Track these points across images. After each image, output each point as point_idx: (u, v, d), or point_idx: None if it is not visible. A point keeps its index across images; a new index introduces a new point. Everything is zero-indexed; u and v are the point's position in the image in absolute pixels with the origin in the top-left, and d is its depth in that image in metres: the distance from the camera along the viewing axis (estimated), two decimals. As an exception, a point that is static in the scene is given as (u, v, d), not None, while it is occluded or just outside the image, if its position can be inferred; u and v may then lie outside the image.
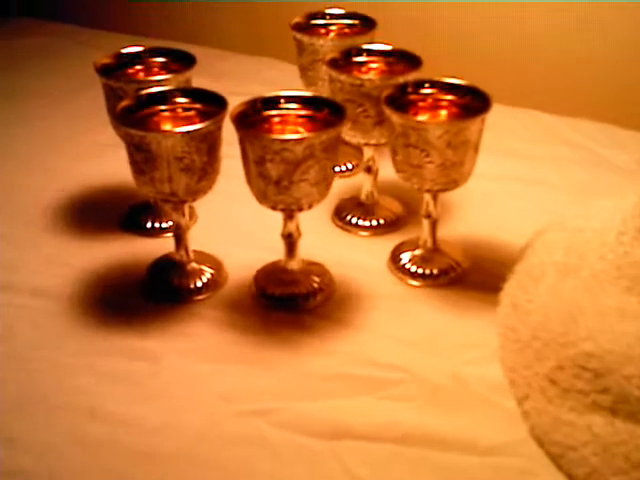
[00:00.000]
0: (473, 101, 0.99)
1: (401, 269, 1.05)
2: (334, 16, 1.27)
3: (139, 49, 1.13)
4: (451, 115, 1.01)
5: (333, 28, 1.27)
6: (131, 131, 0.93)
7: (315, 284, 1.02)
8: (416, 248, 1.06)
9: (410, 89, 1.02)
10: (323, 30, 1.27)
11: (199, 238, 1.06)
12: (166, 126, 1.00)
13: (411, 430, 0.83)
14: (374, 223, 1.15)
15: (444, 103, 1.02)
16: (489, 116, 0.96)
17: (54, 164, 1.33)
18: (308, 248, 1.03)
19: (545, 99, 1.48)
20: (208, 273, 1.04)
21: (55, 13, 1.95)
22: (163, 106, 1.00)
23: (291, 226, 0.98)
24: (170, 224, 1.09)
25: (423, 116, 1.01)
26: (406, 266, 1.05)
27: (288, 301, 1.01)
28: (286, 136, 0.92)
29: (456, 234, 1.12)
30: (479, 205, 1.19)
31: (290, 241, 1.00)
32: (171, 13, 1.88)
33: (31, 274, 1.07)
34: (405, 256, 1.06)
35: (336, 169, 1.00)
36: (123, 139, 0.97)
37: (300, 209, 0.95)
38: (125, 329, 0.97)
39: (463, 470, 0.80)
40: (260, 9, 1.78)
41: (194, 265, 1.04)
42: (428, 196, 1.01)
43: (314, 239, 1.05)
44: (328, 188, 0.96)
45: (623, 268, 0.90)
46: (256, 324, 0.98)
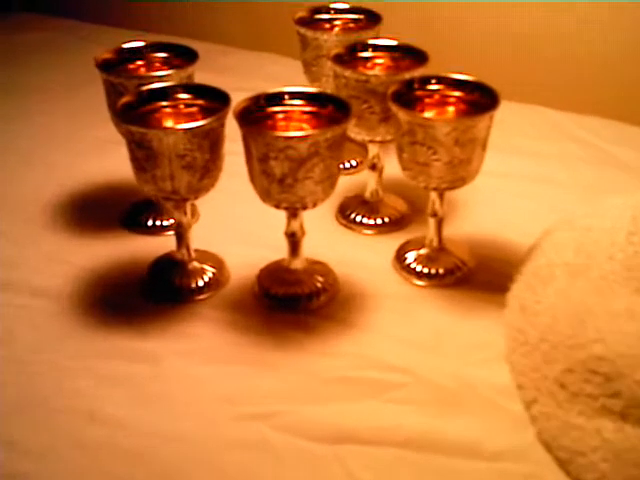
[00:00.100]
0: (481, 97, 0.97)
1: (406, 268, 1.04)
2: (339, 10, 1.26)
3: (140, 44, 1.12)
4: (459, 112, 1.00)
5: (338, 23, 1.26)
6: (132, 128, 0.92)
7: (319, 284, 1.00)
8: (421, 247, 1.05)
9: (417, 85, 1.01)
10: (327, 25, 1.25)
11: (201, 236, 1.05)
12: (168, 123, 0.98)
13: (416, 434, 0.82)
14: (379, 221, 1.13)
15: (451, 100, 1.00)
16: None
17: (54, 160, 1.32)
18: (311, 246, 1.02)
19: (551, 95, 1.47)
20: (210, 272, 1.03)
21: (56, 8, 1.93)
22: (165, 102, 0.99)
23: (295, 225, 0.97)
24: (171, 222, 1.08)
25: (430, 113, 1.00)
26: (411, 265, 1.04)
27: (291, 301, 0.99)
28: (290, 133, 0.91)
29: (462, 233, 1.11)
30: (485, 203, 1.18)
31: (293, 240, 0.99)
32: (173, 8, 1.87)
33: (30, 272, 1.05)
34: (410, 255, 1.05)
35: (340, 166, 0.98)
36: (124, 136, 0.96)
37: (304, 208, 0.94)
38: (125, 330, 0.96)
39: (469, 475, 0.78)
40: (263, 4, 1.77)
41: (195, 264, 1.03)
42: (434, 194, 1.00)
43: (317, 237, 1.04)
44: (333, 186, 0.95)
45: (633, 269, 0.88)
46: (258, 325, 0.96)
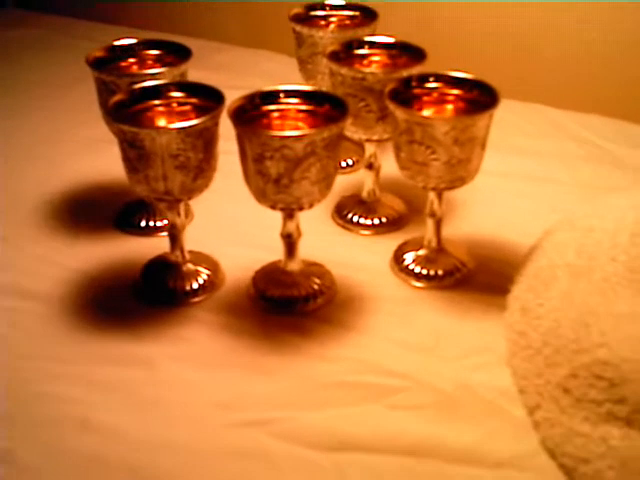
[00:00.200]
0: (480, 96, 0.96)
1: (404, 270, 1.02)
2: (334, 7, 1.25)
3: (132, 41, 1.10)
4: (458, 110, 0.99)
5: (333, 20, 1.25)
6: (124, 127, 0.90)
7: (315, 286, 0.99)
8: (420, 248, 1.03)
9: (414, 83, 0.99)
10: (323, 22, 1.24)
11: (195, 238, 1.04)
12: (160, 122, 0.97)
13: (416, 441, 0.80)
14: (376, 222, 1.12)
15: (450, 98, 0.99)
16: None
17: (45, 159, 1.31)
18: (307, 248, 1.00)
19: (549, 93, 1.46)
20: (204, 274, 1.01)
21: (50, 5, 1.93)
22: (157, 101, 0.98)
23: (291, 226, 0.96)
24: (165, 223, 1.07)
25: (428, 111, 0.99)
26: (410, 267, 1.02)
27: (287, 304, 0.98)
28: (286, 133, 0.89)
29: (461, 233, 1.09)
30: (484, 203, 1.17)
31: (290, 241, 0.97)
32: (168, 6, 1.86)
33: (20, 275, 1.04)
34: (408, 256, 1.04)
35: (337, 166, 0.98)
36: (116, 135, 0.94)
37: (300, 208, 0.93)
38: (118, 334, 0.94)
39: (471, 484, 0.77)
40: (258, 0, 1.75)
41: (190, 266, 1.01)
42: (433, 194, 0.98)
43: (314, 238, 1.02)
44: (329, 187, 0.93)
45: (637, 271, 0.87)
46: (254, 328, 0.95)
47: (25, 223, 1.14)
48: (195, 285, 1.00)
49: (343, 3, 1.24)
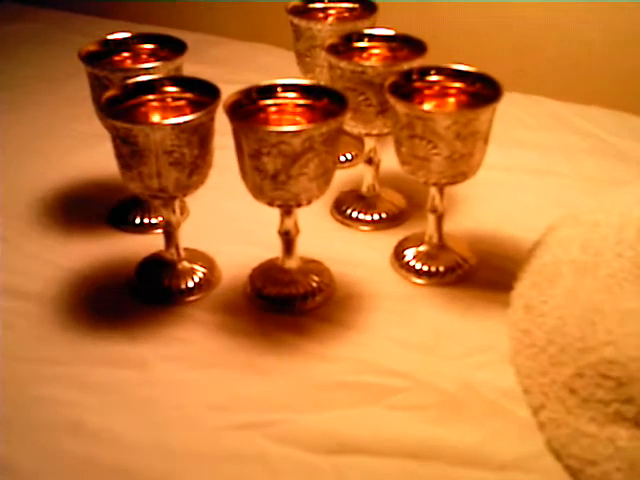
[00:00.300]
0: (483, 89, 0.95)
1: (405, 266, 1.01)
2: (333, -1, 1.23)
3: (126, 35, 1.09)
4: (460, 104, 0.97)
5: (332, 12, 1.23)
6: (117, 123, 0.88)
7: (314, 283, 0.98)
8: (421, 244, 1.02)
9: (415, 76, 0.98)
10: (321, 14, 1.23)
11: (191, 235, 1.02)
12: (155, 117, 0.96)
13: (418, 443, 0.79)
14: (376, 217, 1.11)
15: (452, 91, 0.98)
16: (494, 103, 0.92)
17: (41, 155, 1.29)
18: (306, 244, 0.99)
19: (549, 85, 1.45)
20: (200, 272, 1.00)
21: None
22: (151, 96, 0.96)
23: (289, 223, 0.94)
24: (160, 220, 1.05)
25: (429, 105, 0.98)
26: (410, 263, 1.01)
27: (285, 302, 0.96)
28: (284, 128, 0.87)
29: (462, 228, 1.08)
30: (486, 197, 1.15)
31: (287, 239, 0.96)
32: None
33: (11, 274, 1.02)
34: (409, 252, 1.02)
35: (336, 161, 0.97)
36: (109, 131, 0.92)
37: (298, 205, 0.91)
38: (112, 333, 0.93)
39: (475, 486, 0.75)
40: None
41: (185, 264, 1.00)
42: (434, 190, 0.97)
43: (312, 234, 1.01)
44: (328, 182, 0.92)
45: (643, 267, 0.85)
46: (251, 327, 0.93)
47: (17, 220, 1.13)
48: (191, 283, 0.98)
49: (342, -5, 1.23)
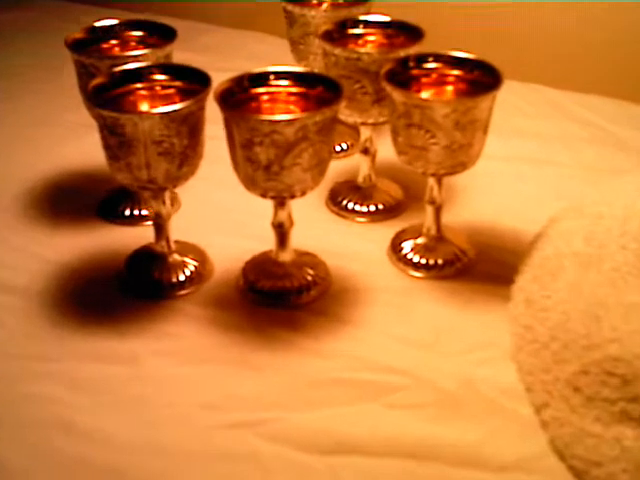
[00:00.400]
0: (482, 76, 0.93)
1: (402, 259, 0.99)
2: (327, -16, 1.21)
3: (114, 22, 1.07)
4: (458, 92, 0.95)
5: (326, -2, 1.21)
6: (104, 112, 0.87)
7: (309, 277, 0.96)
8: (418, 236, 1.00)
9: (412, 64, 0.96)
10: (315, 0, 1.21)
11: (181, 227, 1.00)
12: (143, 106, 0.94)
13: (416, 443, 0.77)
14: (372, 208, 1.09)
15: (450, 79, 0.96)
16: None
17: (28, 146, 1.27)
18: (300, 236, 0.97)
19: (547, 73, 1.43)
20: (191, 266, 0.98)
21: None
22: (140, 84, 0.94)
23: (282, 215, 0.92)
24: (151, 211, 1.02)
25: (427, 93, 0.96)
26: (408, 256, 0.99)
27: (279, 296, 0.95)
28: (276, 117, 0.85)
29: (461, 220, 1.06)
30: (485, 188, 1.13)
31: (281, 231, 0.94)
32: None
33: (-3, 267, 1.01)
34: (407, 245, 1.00)
35: (331, 151, 0.96)
36: (96, 121, 0.90)
37: (292, 196, 0.89)
38: (101, 329, 0.91)
39: (476, 488, 0.74)
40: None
41: (176, 257, 0.98)
42: (432, 180, 0.95)
43: (307, 226, 0.99)
44: (323, 173, 0.90)
45: (648, 259, 0.83)
46: (244, 322, 0.92)
47: (3, 212, 1.11)
48: (182, 277, 0.96)
49: (336, -20, 1.21)
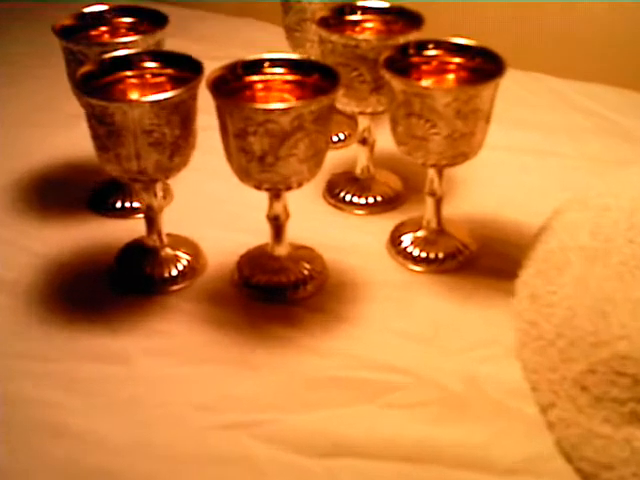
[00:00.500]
0: (484, 64, 0.91)
1: (402, 253, 0.97)
2: (323, -31, 1.19)
3: (103, 8, 1.04)
4: (460, 80, 0.93)
5: (323, -17, 1.19)
6: (92, 100, 0.84)
7: (305, 271, 0.94)
8: (418, 229, 0.98)
9: (412, 51, 0.94)
10: (311, -15, 1.19)
11: (174, 220, 0.98)
12: (133, 95, 0.92)
13: (416, 445, 0.75)
14: (370, 200, 1.07)
15: (451, 66, 0.94)
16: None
17: (17, 135, 1.25)
18: (296, 229, 0.95)
19: (548, 62, 1.42)
20: (184, 260, 0.96)
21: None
22: (130, 72, 0.92)
23: (278, 207, 0.90)
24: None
25: (428, 81, 0.94)
26: (408, 249, 0.97)
27: (275, 291, 0.93)
28: (271, 105, 0.83)
29: (462, 213, 1.04)
30: (487, 180, 1.11)
31: (277, 224, 0.92)
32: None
33: (-17, 261, 0.99)
34: (406, 238, 0.98)
35: (328, 142, 0.95)
36: (85, 109, 0.88)
37: (288, 188, 0.87)
38: (91, 326, 0.89)
39: (479, 492, 0.71)
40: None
41: (168, 251, 0.96)
42: (433, 171, 0.93)
43: (303, 219, 0.97)
44: (319, 164, 0.88)
45: (657, 253, 0.81)
46: (239, 318, 0.90)
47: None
48: (174, 272, 0.94)
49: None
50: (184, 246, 0.97)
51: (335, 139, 1.19)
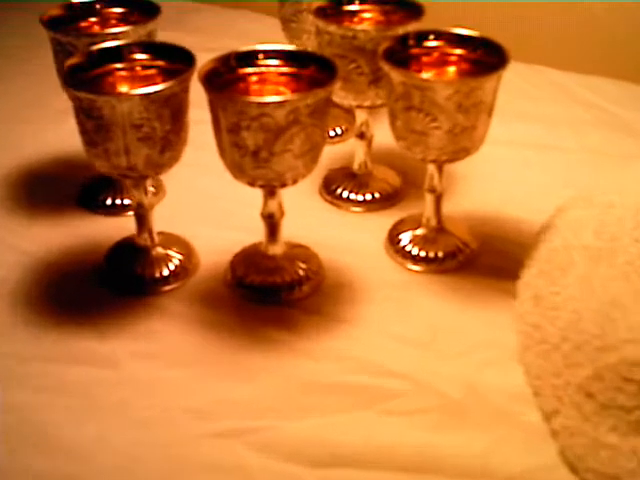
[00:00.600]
0: (485, 56, 0.89)
1: (401, 251, 0.95)
2: (320, -42, 1.18)
3: (93, -2, 1.03)
4: (461, 72, 0.92)
5: (320, -28, 1.17)
6: (79, 94, 0.82)
7: (301, 271, 0.92)
8: (418, 227, 0.97)
9: (412, 42, 0.93)
10: (308, -25, 1.17)
11: (165, 217, 0.97)
12: (122, 87, 0.90)
13: (415, 453, 0.73)
14: (368, 197, 1.05)
15: (452, 58, 0.92)
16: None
17: (5, 132, 1.23)
18: (292, 227, 0.93)
19: (549, 53, 1.41)
20: (176, 259, 0.94)
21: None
22: (119, 64, 0.90)
23: (272, 204, 0.88)
24: (134, 200, 0.99)
25: (428, 73, 0.92)
26: (406, 248, 0.95)
27: (270, 292, 0.91)
28: (265, 98, 0.81)
29: (462, 210, 1.03)
30: (488, 176, 1.09)
31: (271, 222, 0.90)
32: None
33: (-31, 260, 0.97)
34: (405, 236, 0.97)
35: (324, 136, 0.93)
36: (73, 103, 0.86)
37: (283, 185, 0.85)
38: (79, 328, 0.87)
39: (480, 503, 0.69)
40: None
41: (159, 250, 0.94)
42: (433, 167, 0.91)
43: (299, 216, 0.95)
44: (315, 160, 0.86)
45: (664, 253, 0.79)
46: (232, 320, 0.88)
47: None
48: (166, 271, 0.93)
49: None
50: (176, 245, 0.96)
51: (332, 134, 1.18)
